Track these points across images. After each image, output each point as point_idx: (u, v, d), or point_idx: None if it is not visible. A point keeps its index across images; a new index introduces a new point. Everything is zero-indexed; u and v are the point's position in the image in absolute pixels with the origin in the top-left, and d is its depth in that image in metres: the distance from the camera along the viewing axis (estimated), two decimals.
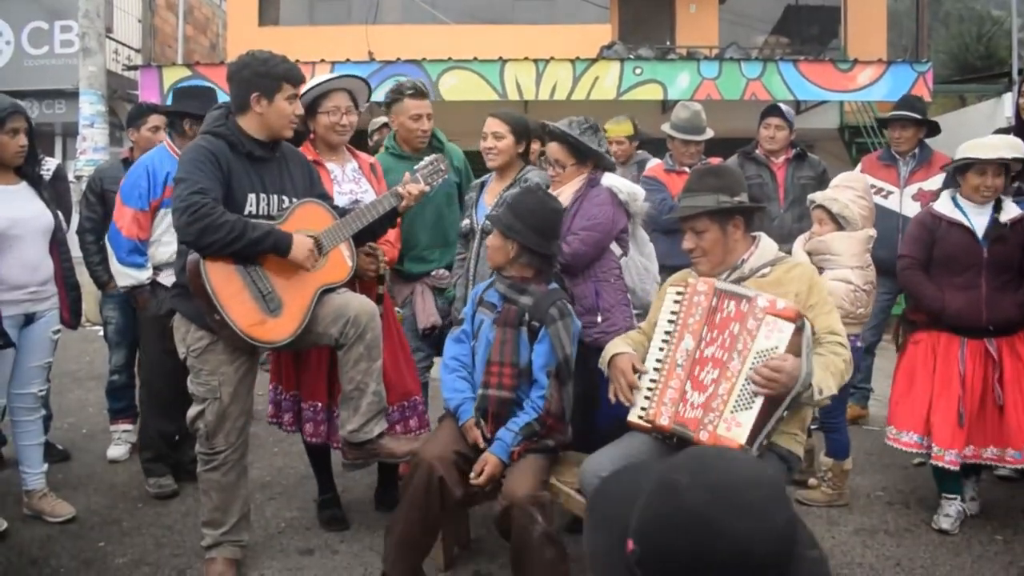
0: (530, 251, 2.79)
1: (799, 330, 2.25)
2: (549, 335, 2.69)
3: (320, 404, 3.13)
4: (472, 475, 2.63)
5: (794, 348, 2.24)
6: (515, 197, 2.94)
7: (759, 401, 2.22)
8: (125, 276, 3.64)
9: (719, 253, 2.56)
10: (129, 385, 4.16)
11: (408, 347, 3.36)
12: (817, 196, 3.64)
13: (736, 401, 2.25)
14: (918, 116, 4.57)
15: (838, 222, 3.54)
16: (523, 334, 2.75)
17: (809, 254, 3.57)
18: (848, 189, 3.59)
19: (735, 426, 2.22)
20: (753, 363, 2.25)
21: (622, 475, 1.31)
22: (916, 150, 4.59)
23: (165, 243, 3.62)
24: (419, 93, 3.52)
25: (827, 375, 2.32)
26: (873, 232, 3.60)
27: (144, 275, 3.63)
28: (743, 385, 2.25)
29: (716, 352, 2.36)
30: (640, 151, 5.23)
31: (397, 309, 3.53)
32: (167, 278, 3.62)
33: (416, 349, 3.55)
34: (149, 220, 3.61)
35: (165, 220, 3.61)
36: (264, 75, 2.69)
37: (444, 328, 3.60)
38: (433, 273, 3.61)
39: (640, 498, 1.14)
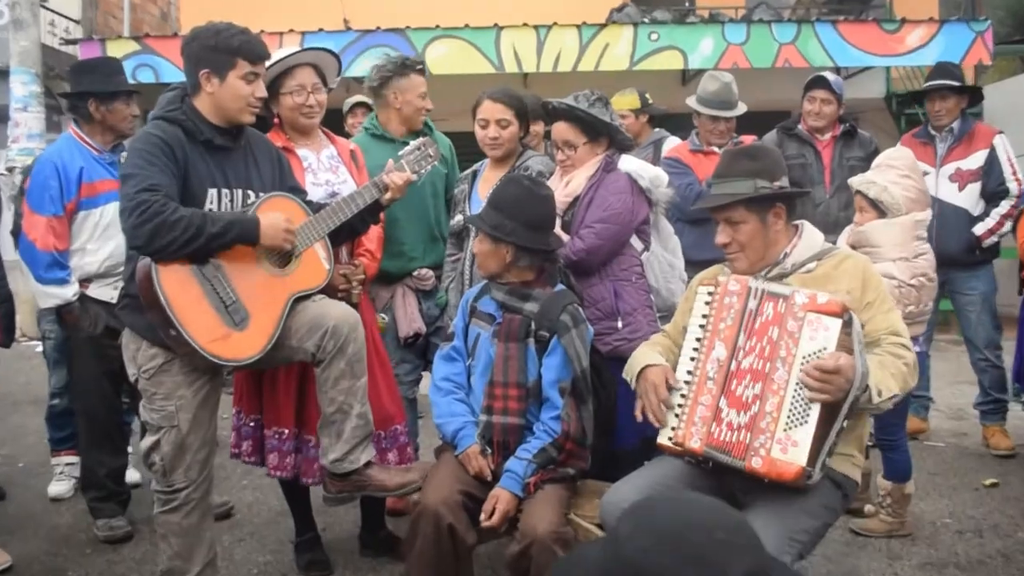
0: (529, 251, 2.73)
1: (847, 324, 2.21)
2: (563, 346, 2.64)
3: (287, 431, 3.05)
4: (483, 516, 2.57)
5: (844, 346, 2.19)
6: (496, 192, 2.88)
7: (815, 413, 2.17)
8: (47, 296, 3.57)
9: (759, 248, 2.51)
10: (73, 410, 4.10)
11: (389, 365, 3.29)
12: (854, 181, 3.59)
13: (788, 417, 2.20)
14: (957, 83, 4.59)
15: (880, 208, 3.49)
16: (530, 347, 2.69)
17: (852, 248, 3.51)
18: (889, 169, 3.53)
19: (791, 446, 2.17)
20: (800, 370, 2.21)
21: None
22: (955, 124, 4.61)
23: (91, 251, 3.57)
24: (424, 69, 3.58)
25: (885, 375, 2.27)
26: (922, 216, 3.52)
27: (70, 291, 3.56)
28: (793, 396, 2.21)
29: (755, 363, 2.31)
30: (657, 129, 5.17)
31: (381, 316, 3.47)
32: (98, 290, 3.57)
33: (401, 361, 3.50)
34: (66, 226, 3.54)
35: (87, 223, 3.55)
36: (214, 48, 2.64)
37: (429, 336, 3.56)
38: (415, 273, 3.57)
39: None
